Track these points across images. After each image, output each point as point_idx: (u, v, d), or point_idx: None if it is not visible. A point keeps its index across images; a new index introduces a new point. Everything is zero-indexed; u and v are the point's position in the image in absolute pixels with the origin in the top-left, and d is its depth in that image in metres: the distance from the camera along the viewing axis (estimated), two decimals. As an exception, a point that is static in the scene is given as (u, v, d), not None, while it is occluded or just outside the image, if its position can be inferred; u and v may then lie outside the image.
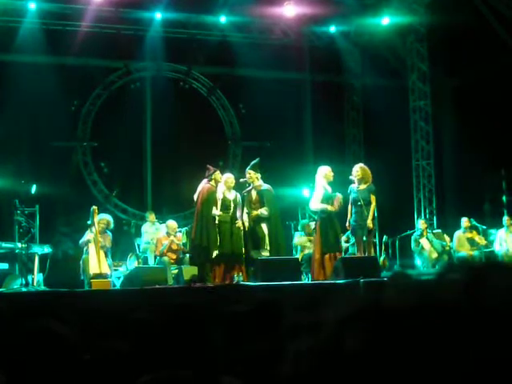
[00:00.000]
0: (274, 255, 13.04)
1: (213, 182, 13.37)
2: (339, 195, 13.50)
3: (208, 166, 13.67)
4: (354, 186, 13.47)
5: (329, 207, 13.25)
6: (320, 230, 13.42)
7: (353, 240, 15.58)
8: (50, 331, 2.48)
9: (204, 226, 13.13)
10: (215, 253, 13.07)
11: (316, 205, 13.43)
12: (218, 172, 13.52)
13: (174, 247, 15.14)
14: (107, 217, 14.76)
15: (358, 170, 13.55)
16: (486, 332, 1.13)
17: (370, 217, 13.40)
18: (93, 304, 9.15)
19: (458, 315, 1.13)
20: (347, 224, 13.48)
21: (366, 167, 13.71)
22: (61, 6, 18.53)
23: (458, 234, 17.06)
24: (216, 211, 13.22)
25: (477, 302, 1.17)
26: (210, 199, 13.20)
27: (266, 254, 13.08)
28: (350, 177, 13.59)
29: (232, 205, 13.34)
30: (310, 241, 15.87)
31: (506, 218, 17.08)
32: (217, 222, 13.25)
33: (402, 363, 1.13)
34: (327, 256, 13.13)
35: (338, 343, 1.16)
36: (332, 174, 13.55)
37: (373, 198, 13.41)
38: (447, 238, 17.25)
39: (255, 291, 10.61)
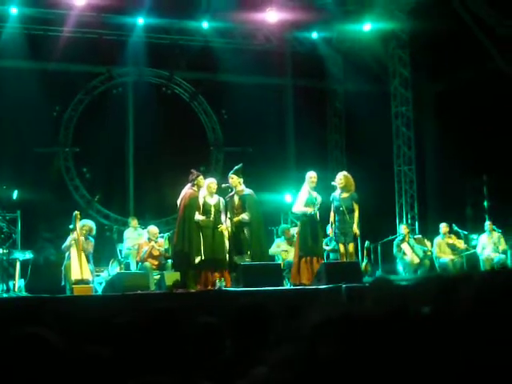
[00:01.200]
0: (256, 260, 13.04)
1: (195, 187, 13.35)
2: (318, 198, 13.58)
3: (192, 170, 13.64)
4: (336, 194, 13.53)
5: (309, 210, 13.31)
6: (299, 233, 13.52)
7: (331, 246, 15.65)
8: (37, 337, 2.48)
9: (186, 232, 13.10)
10: (197, 258, 13.05)
11: (298, 207, 13.52)
12: (201, 177, 13.48)
13: (156, 253, 15.10)
14: (90, 223, 14.71)
15: (341, 178, 13.62)
16: (455, 340, 1.14)
17: (356, 224, 13.49)
18: (74, 310, 9.13)
19: (429, 324, 1.15)
20: (329, 231, 13.54)
21: (349, 175, 13.78)
22: (43, 10, 18.47)
23: (437, 240, 17.13)
24: (199, 216, 13.19)
25: (447, 311, 1.18)
26: (192, 204, 13.18)
27: (248, 259, 13.09)
28: (333, 183, 13.64)
29: (213, 210, 13.30)
30: (290, 245, 15.89)
31: (487, 223, 17.17)
32: (199, 227, 13.23)
33: (373, 369, 1.14)
34: (303, 259, 13.19)
35: (313, 350, 1.17)
36: (315, 179, 13.60)
37: (356, 206, 13.49)
38: (428, 243, 17.32)
39: (237, 297, 10.62)
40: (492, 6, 18.23)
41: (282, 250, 16.24)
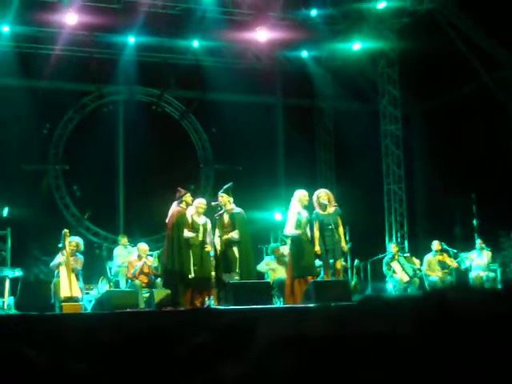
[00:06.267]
0: (244, 279, 13.00)
1: (183, 205, 13.29)
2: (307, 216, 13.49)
3: (178, 188, 13.58)
4: (319, 211, 13.37)
5: (299, 232, 13.22)
6: (292, 254, 13.42)
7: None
8: (19, 355, 2.50)
9: (175, 250, 13.05)
10: (187, 276, 13.02)
11: (289, 230, 13.40)
12: (188, 194, 13.45)
13: (146, 270, 15.07)
14: (76, 239, 14.66)
15: (324, 194, 13.51)
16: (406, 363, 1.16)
17: (343, 239, 13.45)
18: (63, 328, 9.12)
19: (369, 346, 1.17)
20: (317, 248, 13.38)
21: (328, 191, 13.82)
22: (34, 29, 18.52)
23: (428, 257, 17.11)
24: (188, 233, 13.14)
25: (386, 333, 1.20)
26: (180, 222, 13.12)
27: (236, 277, 13.07)
28: (322, 201, 13.49)
29: (201, 228, 13.27)
30: (279, 264, 15.86)
31: (478, 241, 17.18)
32: (188, 244, 13.19)
33: None
34: (297, 281, 13.10)
35: (266, 367, 1.21)
36: (307, 198, 13.48)
37: (340, 221, 13.40)
38: (417, 261, 17.32)
39: (225, 315, 10.62)
40: (479, 24, 18.37)
41: (270, 269, 16.19)
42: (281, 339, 1.21)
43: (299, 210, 13.36)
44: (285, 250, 15.53)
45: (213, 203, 13.70)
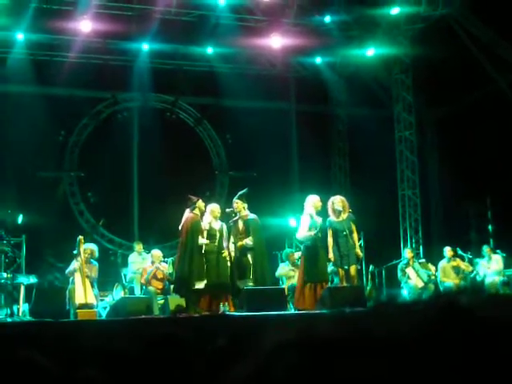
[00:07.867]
0: (259, 285, 13.00)
1: (196, 211, 13.30)
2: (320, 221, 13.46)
3: (189, 195, 13.58)
4: (333, 218, 13.37)
5: (311, 234, 13.20)
6: (304, 258, 13.41)
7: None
8: (31, 362, 2.51)
9: (189, 256, 13.07)
10: (201, 283, 13.03)
11: (302, 233, 13.40)
12: (200, 201, 13.46)
13: (160, 275, 15.06)
14: (91, 246, 14.70)
15: (339, 200, 13.51)
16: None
17: (358, 245, 13.43)
18: (78, 334, 9.13)
19: (377, 349, 1.16)
20: (331, 255, 13.37)
21: (343, 198, 13.79)
22: (48, 36, 18.61)
23: (442, 263, 17.08)
24: (202, 240, 13.16)
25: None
26: (194, 228, 13.13)
27: (251, 283, 13.07)
28: (336, 207, 13.46)
29: (218, 234, 13.30)
30: (293, 270, 15.85)
31: (486, 249, 17.11)
32: (203, 251, 13.20)
33: None
34: (308, 285, 13.09)
35: (266, 371, 1.20)
36: (320, 203, 13.48)
37: (353, 227, 13.40)
38: (432, 267, 17.26)
39: (240, 321, 10.61)
40: (493, 29, 18.34)
41: (290, 270, 16.14)
42: (286, 342, 1.20)
43: (312, 215, 13.34)
44: (299, 255, 15.53)
45: (227, 210, 13.70)
